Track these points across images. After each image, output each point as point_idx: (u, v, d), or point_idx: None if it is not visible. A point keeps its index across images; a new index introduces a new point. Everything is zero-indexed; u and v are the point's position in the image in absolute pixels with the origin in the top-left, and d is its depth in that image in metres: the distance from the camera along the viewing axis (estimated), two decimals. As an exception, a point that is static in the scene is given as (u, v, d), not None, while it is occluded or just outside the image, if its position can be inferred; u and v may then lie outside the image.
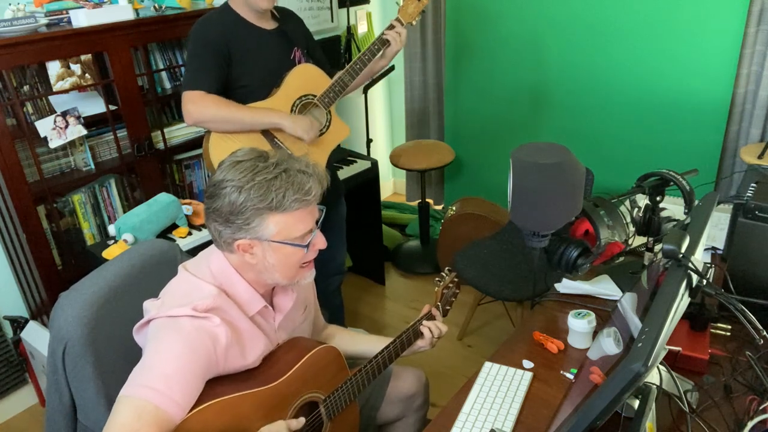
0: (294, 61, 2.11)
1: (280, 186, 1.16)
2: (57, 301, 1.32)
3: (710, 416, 1.25)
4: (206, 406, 1.13)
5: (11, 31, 1.99)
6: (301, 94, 2.07)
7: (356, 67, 2.09)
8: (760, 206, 1.44)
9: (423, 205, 3.43)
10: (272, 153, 1.23)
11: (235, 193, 1.16)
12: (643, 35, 2.92)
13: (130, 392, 1.09)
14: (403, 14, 2.13)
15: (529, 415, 1.31)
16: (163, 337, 1.15)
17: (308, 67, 2.10)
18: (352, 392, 1.40)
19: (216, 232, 1.22)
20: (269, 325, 1.33)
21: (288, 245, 1.21)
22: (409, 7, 2.13)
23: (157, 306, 1.22)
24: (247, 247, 1.21)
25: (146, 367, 1.12)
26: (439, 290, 1.62)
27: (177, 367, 1.11)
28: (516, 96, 3.46)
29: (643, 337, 0.93)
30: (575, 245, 1.48)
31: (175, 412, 1.09)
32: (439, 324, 1.57)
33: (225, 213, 1.17)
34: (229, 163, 1.20)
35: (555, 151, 1.37)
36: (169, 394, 1.08)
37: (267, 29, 2.05)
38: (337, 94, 2.09)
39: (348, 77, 2.09)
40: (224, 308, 1.21)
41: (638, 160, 3.15)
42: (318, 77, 2.11)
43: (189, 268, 1.29)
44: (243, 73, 1.99)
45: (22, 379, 2.48)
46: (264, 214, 1.17)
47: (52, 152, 2.28)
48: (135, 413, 1.06)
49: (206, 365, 1.16)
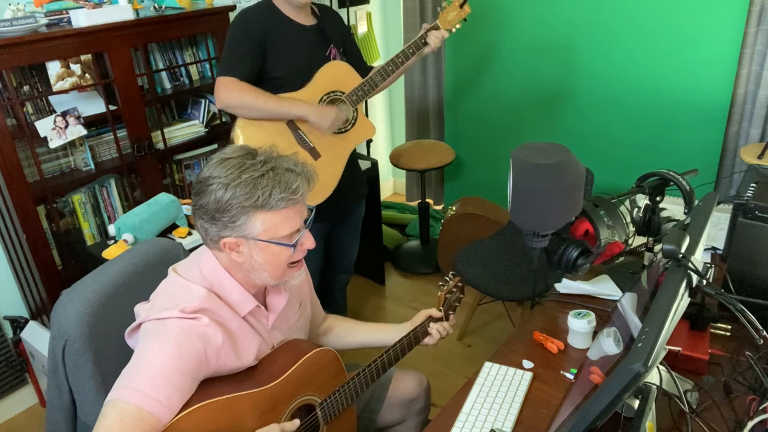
0: (329, 58, 2.13)
1: (266, 184, 1.15)
2: (59, 298, 1.32)
3: (710, 416, 1.25)
4: (199, 407, 1.12)
5: (11, 31, 1.99)
6: (330, 90, 2.10)
7: (389, 68, 2.11)
8: (760, 206, 1.44)
9: (423, 205, 3.43)
10: (261, 150, 1.22)
11: (221, 191, 1.15)
12: (643, 35, 2.92)
13: (114, 395, 1.09)
14: (442, 21, 2.15)
15: (529, 415, 1.31)
16: (150, 340, 1.15)
17: (340, 64, 2.13)
18: (350, 396, 1.39)
19: (203, 230, 1.21)
20: (262, 325, 1.32)
21: (275, 244, 1.20)
22: (450, 14, 2.15)
23: (147, 309, 1.22)
24: (234, 246, 1.20)
25: (132, 370, 1.12)
26: (442, 294, 1.62)
27: (162, 368, 1.10)
28: (516, 96, 3.46)
29: (643, 337, 0.93)
30: (575, 245, 1.48)
31: (160, 413, 1.08)
32: (446, 325, 1.59)
33: (211, 210, 1.17)
34: (216, 160, 1.19)
35: (555, 151, 1.37)
36: (153, 395, 1.08)
37: (305, 25, 2.08)
38: (366, 93, 2.11)
39: (379, 78, 2.11)
40: (214, 309, 1.21)
41: (638, 160, 3.15)
42: (348, 75, 2.14)
43: (178, 270, 1.28)
44: (276, 66, 2.02)
45: (22, 379, 2.48)
46: (250, 212, 1.16)
47: (52, 152, 2.28)
48: (118, 416, 1.05)
49: (196, 365, 1.15)
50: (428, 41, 2.12)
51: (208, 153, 2.76)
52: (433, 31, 2.13)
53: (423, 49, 2.14)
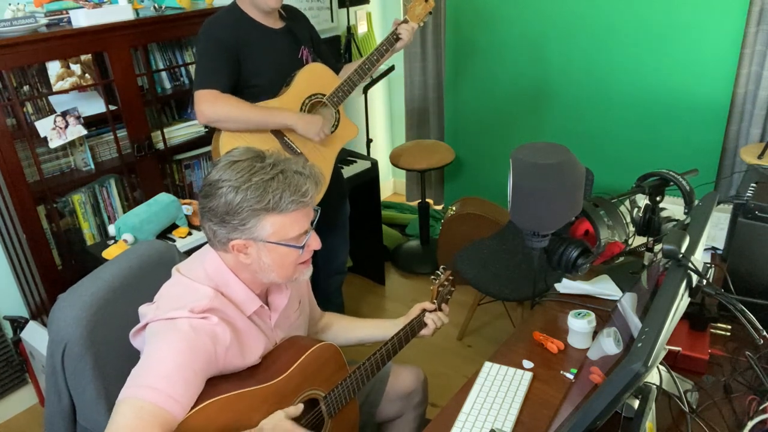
0: (302, 60, 2.12)
1: (277, 187, 1.16)
2: (55, 302, 1.32)
3: (710, 416, 1.25)
4: (208, 404, 1.13)
5: (11, 31, 1.99)
6: (310, 93, 2.09)
7: (365, 66, 2.11)
8: (760, 206, 1.44)
9: (423, 205, 3.43)
10: (269, 153, 1.23)
11: (232, 194, 1.15)
12: (643, 35, 2.92)
13: (129, 393, 1.09)
14: (411, 15, 2.16)
15: (529, 415, 1.31)
16: (160, 338, 1.15)
17: (317, 66, 2.12)
18: (352, 389, 1.41)
19: (210, 232, 1.22)
20: (266, 324, 1.34)
21: (283, 246, 1.21)
22: (417, 8, 2.16)
23: (153, 310, 1.22)
24: (242, 248, 1.20)
25: (144, 368, 1.12)
26: (434, 288, 1.63)
27: (176, 366, 1.11)
28: (516, 96, 3.45)
29: (643, 337, 0.93)
30: (575, 245, 1.48)
31: (176, 410, 1.09)
32: (441, 316, 1.61)
33: (221, 213, 1.17)
34: (225, 163, 1.19)
35: (555, 151, 1.37)
36: (170, 393, 1.09)
37: (274, 28, 2.07)
38: (346, 93, 2.11)
39: (357, 77, 2.11)
40: (221, 309, 1.22)
41: (638, 160, 3.15)
42: (327, 76, 2.13)
43: (182, 270, 1.28)
44: (253, 73, 2.00)
45: (22, 379, 2.48)
46: (260, 215, 1.17)
47: (52, 152, 2.28)
48: (135, 414, 1.06)
49: (206, 364, 1.16)
50: (400, 35, 2.13)
51: (208, 153, 2.76)
52: (403, 24, 2.14)
53: (396, 44, 2.14)
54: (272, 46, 2.04)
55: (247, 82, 2.00)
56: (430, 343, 2.76)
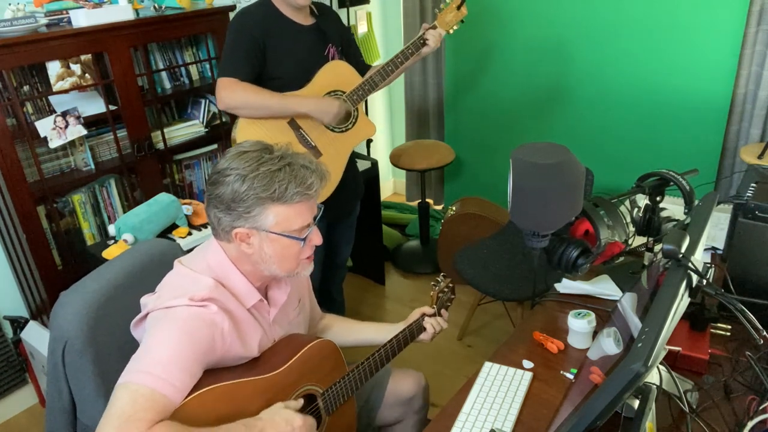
0: (327, 58, 2.14)
1: (283, 178, 1.19)
2: (58, 299, 1.32)
3: (710, 416, 1.25)
4: (205, 391, 1.15)
5: (11, 31, 1.99)
6: (330, 90, 2.10)
7: (388, 68, 2.12)
8: (760, 206, 1.44)
9: (423, 205, 3.43)
10: (277, 147, 1.26)
11: (239, 182, 1.18)
12: (644, 35, 2.92)
13: (126, 379, 1.10)
14: (440, 22, 2.17)
15: (529, 415, 1.31)
16: (160, 326, 1.16)
17: (340, 64, 2.14)
18: (350, 388, 1.42)
19: (215, 219, 1.24)
20: (264, 319, 1.35)
21: (285, 237, 1.23)
22: (448, 16, 2.16)
23: (154, 299, 1.24)
24: (245, 237, 1.22)
25: (143, 355, 1.13)
26: (434, 294, 1.64)
27: (173, 352, 1.12)
28: (516, 96, 3.45)
29: (643, 337, 0.93)
30: (575, 245, 1.48)
31: (172, 395, 1.10)
32: (441, 321, 1.61)
33: (227, 200, 1.20)
34: (234, 153, 1.23)
35: (555, 151, 1.37)
36: (166, 378, 1.09)
37: (304, 25, 2.09)
38: (366, 92, 2.12)
39: (379, 77, 2.12)
40: (221, 299, 1.23)
41: (638, 160, 3.15)
42: (348, 74, 2.14)
43: (184, 262, 1.30)
44: (276, 67, 2.03)
45: (22, 379, 2.48)
46: (265, 204, 1.19)
47: (52, 152, 2.28)
48: (131, 398, 1.07)
49: (204, 351, 1.17)
50: (428, 41, 2.13)
51: (208, 153, 2.77)
52: (431, 30, 2.14)
53: (422, 49, 2.15)
54: (298, 42, 2.06)
55: (270, 75, 2.03)
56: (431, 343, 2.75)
